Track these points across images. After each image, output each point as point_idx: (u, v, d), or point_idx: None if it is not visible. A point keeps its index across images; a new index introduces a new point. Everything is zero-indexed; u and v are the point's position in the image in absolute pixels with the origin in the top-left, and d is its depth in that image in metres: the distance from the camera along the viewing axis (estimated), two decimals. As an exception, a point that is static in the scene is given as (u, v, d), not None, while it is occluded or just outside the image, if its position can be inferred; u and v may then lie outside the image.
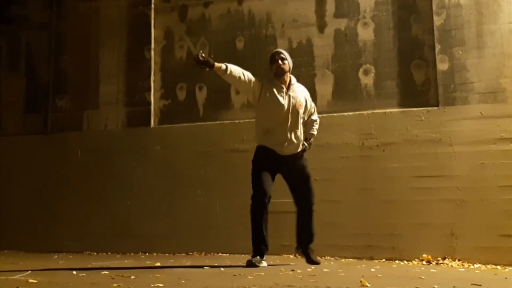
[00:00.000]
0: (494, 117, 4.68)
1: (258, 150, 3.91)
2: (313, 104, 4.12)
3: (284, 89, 3.87)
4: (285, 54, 3.90)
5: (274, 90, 3.84)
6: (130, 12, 6.13)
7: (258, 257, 3.72)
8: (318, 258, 4.02)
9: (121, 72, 6.06)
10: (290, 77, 3.93)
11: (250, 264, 3.64)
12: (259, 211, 3.74)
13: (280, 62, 3.84)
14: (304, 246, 3.93)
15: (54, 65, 6.34)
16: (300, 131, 3.94)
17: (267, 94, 3.83)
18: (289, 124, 3.84)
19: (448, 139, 4.80)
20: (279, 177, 3.95)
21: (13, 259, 4.64)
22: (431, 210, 4.72)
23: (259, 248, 3.75)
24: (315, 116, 4.14)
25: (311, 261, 3.90)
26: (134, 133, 5.88)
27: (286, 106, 3.83)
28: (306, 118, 4.05)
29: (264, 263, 3.75)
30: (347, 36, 5.31)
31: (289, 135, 3.84)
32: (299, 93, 3.95)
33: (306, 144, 3.99)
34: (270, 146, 3.85)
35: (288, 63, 3.89)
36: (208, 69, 3.74)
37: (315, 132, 4.12)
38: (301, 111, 3.92)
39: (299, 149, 3.92)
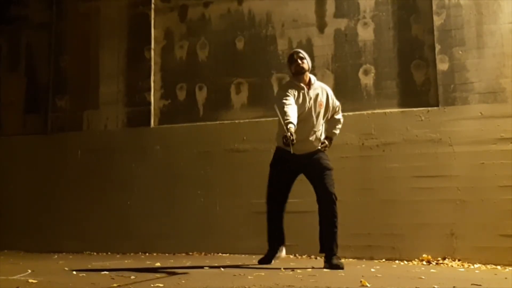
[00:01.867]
0: (494, 117, 4.68)
1: (276, 152, 3.97)
2: (337, 103, 4.05)
3: (305, 89, 3.85)
4: (304, 54, 3.91)
5: (295, 92, 3.80)
6: (130, 12, 6.13)
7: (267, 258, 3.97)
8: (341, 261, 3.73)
9: (121, 72, 6.06)
10: (309, 77, 3.91)
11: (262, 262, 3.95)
12: (273, 215, 3.94)
13: (299, 61, 3.84)
14: (327, 256, 3.71)
15: (54, 65, 6.34)
16: (321, 131, 3.92)
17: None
18: (310, 124, 3.82)
19: (448, 139, 4.79)
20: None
21: (13, 259, 4.64)
22: (431, 210, 4.72)
23: (270, 248, 3.98)
24: (339, 115, 4.08)
25: (335, 266, 3.62)
26: (134, 133, 5.88)
27: (307, 106, 3.81)
28: (329, 117, 4.01)
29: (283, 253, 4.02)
30: (347, 36, 5.31)
31: (307, 135, 3.82)
32: (320, 92, 3.91)
33: (326, 143, 3.94)
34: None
35: (307, 62, 3.88)
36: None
37: (337, 131, 4.08)
38: (322, 110, 3.89)
39: (316, 148, 3.87)
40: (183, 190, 5.55)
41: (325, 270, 3.57)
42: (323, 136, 3.94)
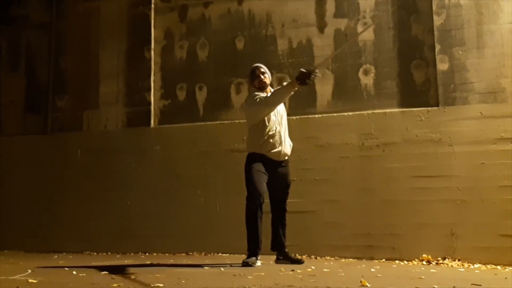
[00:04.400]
0: (494, 117, 4.68)
1: (252, 157, 3.95)
2: None
3: None
4: (265, 68, 4.07)
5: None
6: (130, 12, 6.13)
7: (254, 257, 3.81)
8: (302, 257, 4.12)
9: (121, 72, 6.06)
10: (270, 89, 4.06)
11: (246, 265, 3.72)
12: (255, 213, 3.82)
13: (261, 76, 4.01)
14: (284, 252, 4.05)
15: (54, 65, 6.34)
16: None
17: None
18: (283, 131, 3.99)
19: (448, 139, 4.79)
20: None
21: (13, 259, 4.64)
22: (431, 210, 4.72)
23: (255, 249, 3.85)
24: None
25: (296, 261, 3.99)
26: (134, 133, 5.88)
27: (278, 114, 3.99)
28: None
29: (259, 262, 3.84)
30: (347, 36, 5.31)
31: (284, 142, 3.97)
32: None
33: None
34: (267, 153, 3.92)
35: (268, 76, 4.07)
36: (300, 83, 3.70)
37: None
38: (285, 116, 4.11)
39: (289, 155, 4.06)
40: (183, 190, 5.55)
41: (325, 270, 3.58)
42: None
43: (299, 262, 3.99)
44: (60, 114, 6.23)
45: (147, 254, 5.38)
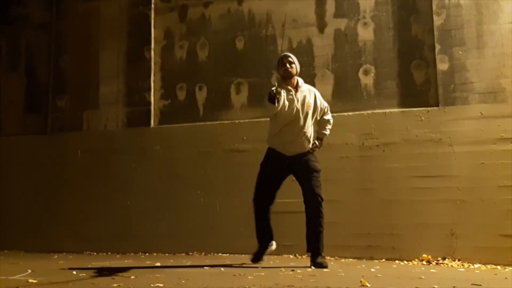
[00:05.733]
0: (494, 117, 4.68)
1: (268, 153, 4.02)
2: (325, 104, 4.16)
3: (293, 92, 3.94)
4: (293, 58, 4.00)
5: (284, 93, 3.88)
6: (130, 12, 6.13)
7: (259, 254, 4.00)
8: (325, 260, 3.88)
9: (121, 72, 6.06)
10: (297, 80, 4.01)
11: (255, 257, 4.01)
12: (257, 214, 3.97)
13: (288, 65, 3.94)
14: (313, 257, 3.83)
15: (54, 65, 6.34)
16: (310, 132, 3.99)
17: None
18: (298, 125, 3.90)
19: (448, 139, 4.79)
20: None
21: (13, 259, 4.64)
22: (431, 210, 4.72)
23: (261, 242, 4.02)
24: (328, 116, 4.15)
25: (317, 265, 3.77)
26: (134, 133, 5.88)
27: (295, 108, 3.90)
28: (318, 118, 4.09)
29: (274, 246, 4.11)
30: (347, 36, 5.31)
31: (296, 136, 3.90)
32: (308, 94, 4.01)
33: (317, 143, 4.03)
34: (277, 147, 3.95)
35: (296, 66, 3.99)
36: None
37: (327, 132, 4.15)
38: (310, 111, 3.97)
39: (306, 149, 3.95)
40: (183, 190, 5.55)
41: (325, 270, 3.58)
42: (312, 137, 4.01)
43: (322, 266, 3.72)
44: (60, 114, 6.24)
45: (147, 254, 5.38)
